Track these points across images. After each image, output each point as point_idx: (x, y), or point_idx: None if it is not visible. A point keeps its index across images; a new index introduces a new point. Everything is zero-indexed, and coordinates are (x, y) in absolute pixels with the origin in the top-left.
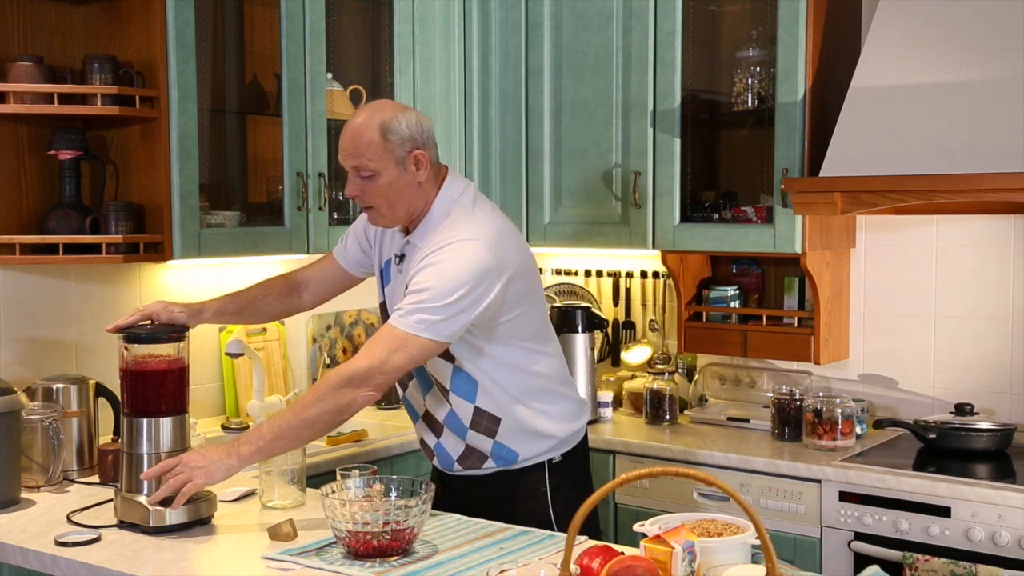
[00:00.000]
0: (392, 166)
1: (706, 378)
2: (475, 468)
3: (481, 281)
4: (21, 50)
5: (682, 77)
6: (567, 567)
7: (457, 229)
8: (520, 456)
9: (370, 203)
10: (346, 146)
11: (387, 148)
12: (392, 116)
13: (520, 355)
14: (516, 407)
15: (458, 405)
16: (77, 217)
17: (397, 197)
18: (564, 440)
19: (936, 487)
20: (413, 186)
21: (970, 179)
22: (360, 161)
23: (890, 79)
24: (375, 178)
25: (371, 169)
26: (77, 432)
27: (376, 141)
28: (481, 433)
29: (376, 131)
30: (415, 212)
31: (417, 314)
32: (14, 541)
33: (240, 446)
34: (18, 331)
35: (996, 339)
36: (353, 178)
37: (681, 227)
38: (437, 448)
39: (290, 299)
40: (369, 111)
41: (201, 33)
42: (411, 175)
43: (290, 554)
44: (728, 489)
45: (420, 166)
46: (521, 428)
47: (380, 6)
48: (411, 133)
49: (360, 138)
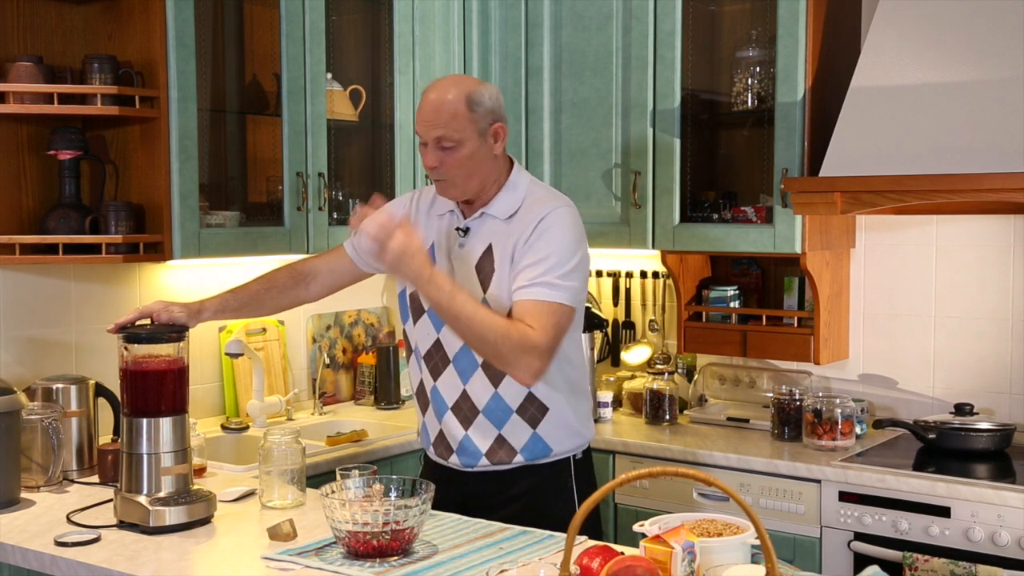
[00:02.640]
0: (475, 137)
1: (706, 378)
2: (502, 463)
3: (583, 243)
4: (21, 50)
5: (682, 77)
6: (567, 567)
7: (551, 200)
8: (553, 451)
9: (447, 175)
10: (428, 117)
11: (472, 119)
12: (476, 87)
13: (568, 344)
14: (562, 398)
15: (510, 388)
16: (77, 217)
17: (475, 168)
18: (588, 438)
19: (936, 487)
20: (491, 158)
21: (970, 179)
22: (445, 131)
23: (890, 79)
24: (457, 149)
25: (455, 140)
26: (77, 432)
27: (462, 112)
28: (525, 420)
29: (462, 102)
30: (488, 184)
31: (556, 280)
32: (14, 541)
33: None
34: (18, 331)
35: (996, 339)
36: (433, 148)
37: (681, 227)
38: (464, 441)
39: (296, 291)
40: (451, 82)
41: (201, 33)
42: (489, 147)
43: (290, 554)
44: (728, 489)
45: (499, 138)
46: (562, 421)
47: (380, 6)
48: (493, 105)
49: (445, 108)
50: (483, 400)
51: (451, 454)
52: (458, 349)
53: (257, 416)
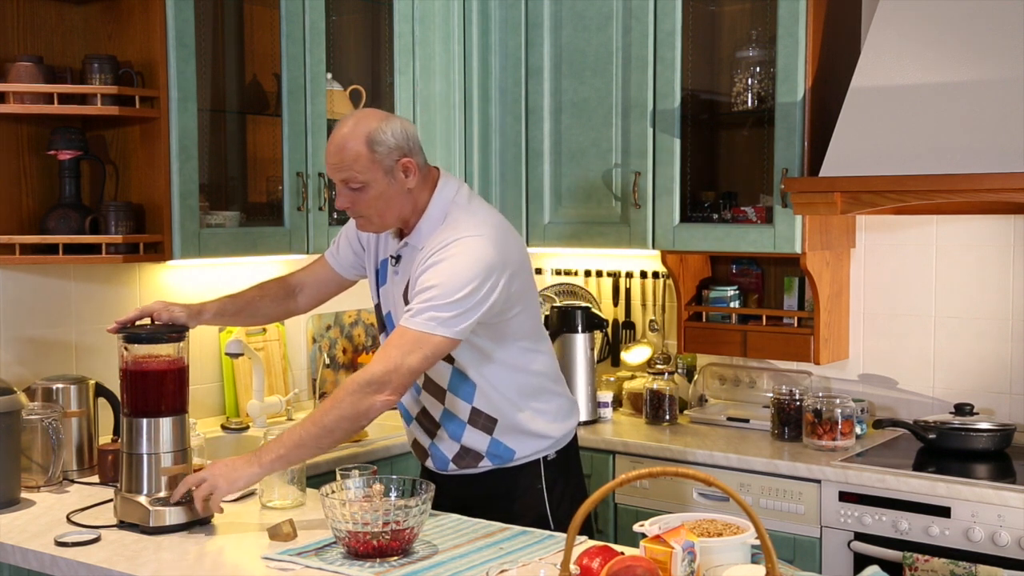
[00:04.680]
0: (381, 176)
1: (706, 378)
2: (471, 467)
3: (489, 276)
4: (21, 50)
5: (682, 77)
6: (567, 567)
7: (459, 227)
8: (516, 454)
9: (362, 213)
10: (332, 160)
11: (375, 159)
12: (377, 126)
13: (518, 354)
14: (513, 408)
15: (454, 404)
16: (77, 217)
17: (387, 205)
18: (559, 439)
19: (936, 487)
20: (403, 193)
21: (970, 179)
22: (348, 174)
23: (890, 79)
24: (365, 189)
25: (360, 181)
26: (77, 432)
27: (363, 153)
28: (478, 429)
29: (362, 143)
30: (406, 216)
31: (428, 312)
32: (14, 541)
33: (262, 455)
34: (18, 331)
35: (996, 339)
36: (342, 190)
37: (681, 227)
38: (432, 448)
39: (286, 303)
40: (353, 123)
41: (201, 33)
42: (400, 183)
43: (290, 554)
44: (728, 489)
45: (409, 173)
46: (518, 428)
47: (380, 6)
48: (397, 142)
49: (346, 151)
50: (437, 414)
51: (427, 457)
52: None
53: (257, 416)
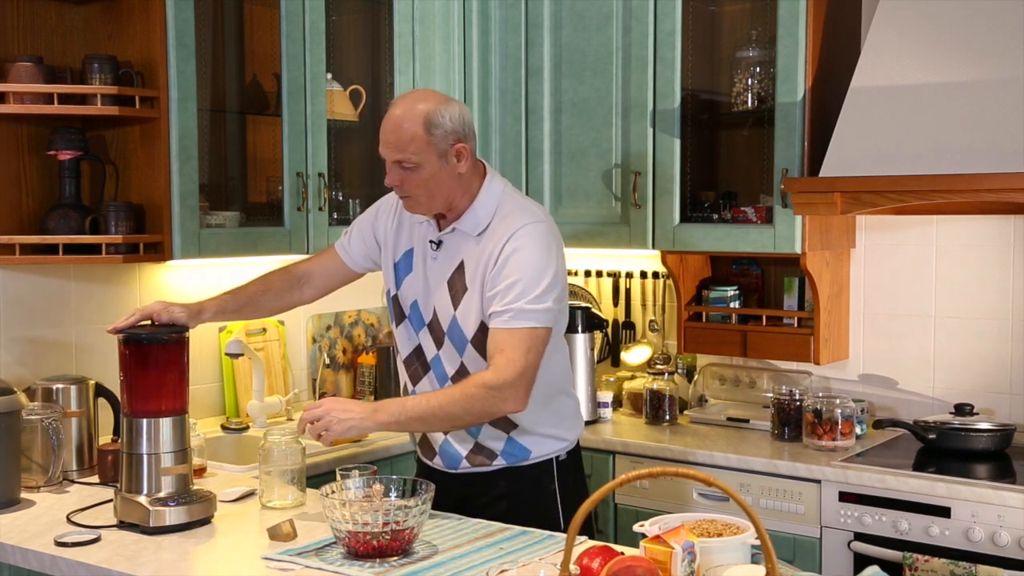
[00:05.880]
0: (434, 159)
1: (706, 378)
2: (483, 465)
3: (558, 258)
4: (21, 50)
5: (682, 77)
6: (567, 567)
7: (520, 216)
8: (532, 454)
9: (410, 193)
10: (388, 138)
11: (430, 142)
12: (435, 108)
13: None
14: (534, 408)
15: None
16: (77, 217)
17: (437, 188)
18: (572, 440)
19: (936, 487)
20: (454, 177)
21: (970, 179)
22: (403, 155)
23: (890, 79)
24: (416, 170)
25: (413, 162)
26: (77, 432)
27: (419, 135)
28: (498, 428)
29: (419, 124)
30: (454, 201)
31: (526, 307)
32: (14, 541)
33: (379, 413)
34: (18, 331)
35: (996, 339)
36: (393, 168)
37: (681, 227)
38: (444, 445)
39: (290, 294)
40: (411, 101)
41: (201, 33)
42: (452, 167)
43: (290, 554)
44: (728, 489)
45: (461, 159)
46: (535, 428)
47: (380, 6)
48: (454, 126)
49: (403, 131)
50: None
51: (435, 456)
52: (433, 356)
53: (257, 416)
